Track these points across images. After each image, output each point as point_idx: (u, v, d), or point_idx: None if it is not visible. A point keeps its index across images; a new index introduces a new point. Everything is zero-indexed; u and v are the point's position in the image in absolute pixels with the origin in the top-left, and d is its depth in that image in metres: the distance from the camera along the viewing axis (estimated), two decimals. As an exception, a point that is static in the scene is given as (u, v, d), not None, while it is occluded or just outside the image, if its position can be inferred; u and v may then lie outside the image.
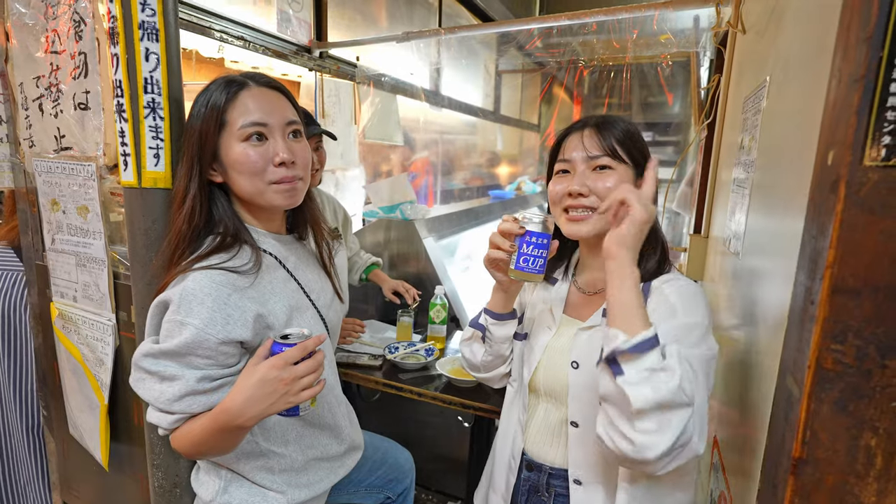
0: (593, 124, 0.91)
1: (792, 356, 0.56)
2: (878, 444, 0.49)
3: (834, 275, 0.49)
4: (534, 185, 4.26)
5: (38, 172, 1.16)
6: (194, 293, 0.80)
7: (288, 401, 0.78)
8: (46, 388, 1.39)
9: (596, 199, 0.88)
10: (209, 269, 0.82)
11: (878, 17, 0.44)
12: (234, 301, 0.82)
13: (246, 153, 0.84)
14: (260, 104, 0.86)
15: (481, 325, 1.01)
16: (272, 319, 0.88)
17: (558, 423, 0.94)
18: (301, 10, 2.19)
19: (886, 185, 0.45)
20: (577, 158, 0.90)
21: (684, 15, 1.65)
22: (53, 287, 1.22)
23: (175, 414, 0.83)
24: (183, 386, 0.81)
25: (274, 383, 0.77)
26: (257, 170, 0.85)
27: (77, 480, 1.41)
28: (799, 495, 0.53)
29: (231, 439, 0.84)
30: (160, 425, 0.85)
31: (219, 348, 0.81)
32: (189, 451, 0.86)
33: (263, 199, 0.88)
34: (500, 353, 1.02)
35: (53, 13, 1.03)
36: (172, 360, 0.81)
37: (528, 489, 0.99)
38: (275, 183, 0.87)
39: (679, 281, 0.86)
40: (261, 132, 0.85)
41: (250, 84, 0.87)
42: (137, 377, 0.85)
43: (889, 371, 0.48)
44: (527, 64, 2.93)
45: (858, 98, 0.46)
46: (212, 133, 0.84)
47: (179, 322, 0.80)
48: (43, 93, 1.10)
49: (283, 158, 0.85)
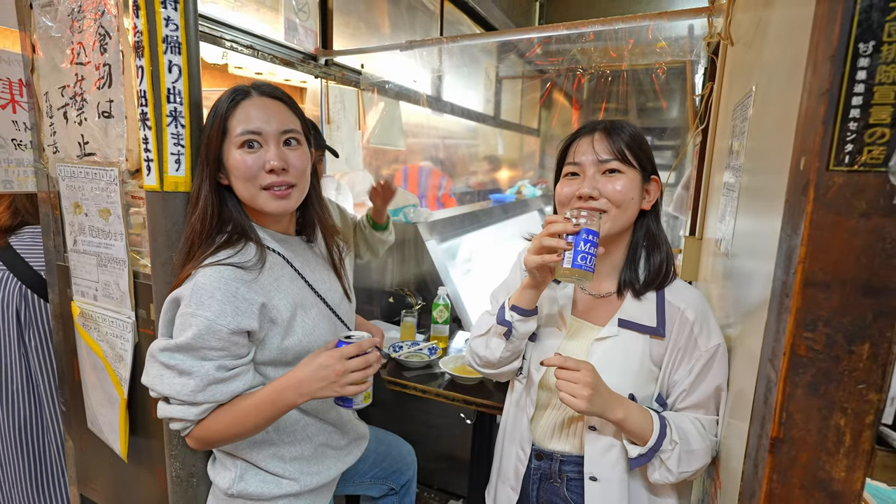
0: (603, 128, 0.94)
1: (770, 345, 0.62)
2: (847, 424, 0.54)
3: (805, 269, 0.54)
4: (534, 188, 4.31)
5: (61, 177, 1.22)
6: (205, 287, 0.86)
7: (335, 390, 0.88)
8: (65, 386, 1.44)
9: (605, 201, 0.91)
10: (217, 265, 0.88)
11: (840, 37, 0.49)
12: (241, 293, 0.88)
13: (241, 159, 0.91)
14: (258, 113, 0.92)
15: (508, 321, 0.98)
16: (275, 314, 0.93)
17: (567, 418, 0.99)
18: (307, 19, 2.25)
19: (850, 188, 0.51)
20: (587, 162, 0.93)
21: (679, 24, 1.70)
22: (74, 286, 1.27)
23: (201, 405, 0.88)
24: (203, 376, 0.87)
25: (327, 370, 0.88)
26: (250, 175, 0.91)
27: (95, 474, 1.45)
28: (777, 472, 0.58)
29: (274, 416, 0.91)
30: (185, 418, 0.89)
31: (230, 338, 0.87)
32: (216, 437, 0.91)
33: (256, 203, 0.94)
34: (518, 349, 1.02)
35: (79, 27, 1.09)
36: (188, 353, 0.87)
37: (539, 477, 1.03)
38: (265, 189, 0.92)
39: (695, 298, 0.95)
40: (255, 140, 0.91)
41: (252, 94, 0.94)
42: (155, 374, 0.89)
43: (855, 356, 0.53)
44: (527, 70, 3.00)
45: (825, 110, 0.51)
46: (216, 139, 0.92)
47: (191, 314, 0.85)
48: (68, 102, 1.16)
49: (273, 165, 0.91)
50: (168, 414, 0.90)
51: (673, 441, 0.87)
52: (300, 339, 0.97)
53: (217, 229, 0.94)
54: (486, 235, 2.86)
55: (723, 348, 0.90)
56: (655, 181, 0.98)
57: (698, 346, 0.90)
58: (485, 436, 1.63)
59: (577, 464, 0.98)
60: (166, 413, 0.90)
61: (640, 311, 0.95)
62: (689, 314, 0.91)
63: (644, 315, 0.94)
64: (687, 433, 0.88)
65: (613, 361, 0.93)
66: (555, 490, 1.02)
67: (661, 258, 0.97)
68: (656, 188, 0.98)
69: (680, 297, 0.94)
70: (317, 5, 2.32)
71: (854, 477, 0.55)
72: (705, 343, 0.90)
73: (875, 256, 0.50)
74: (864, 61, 0.48)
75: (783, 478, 0.58)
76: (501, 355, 1.02)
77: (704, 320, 0.91)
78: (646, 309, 0.95)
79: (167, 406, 0.90)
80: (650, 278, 0.96)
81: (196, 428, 0.92)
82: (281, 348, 0.95)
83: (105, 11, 1.04)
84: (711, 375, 0.89)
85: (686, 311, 0.92)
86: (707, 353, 0.89)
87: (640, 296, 0.96)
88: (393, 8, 2.97)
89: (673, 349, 0.92)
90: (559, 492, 1.01)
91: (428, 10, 3.28)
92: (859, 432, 0.54)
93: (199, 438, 0.92)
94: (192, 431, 0.92)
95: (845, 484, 0.55)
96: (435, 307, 1.83)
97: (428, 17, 3.29)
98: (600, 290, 1.01)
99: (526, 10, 4.05)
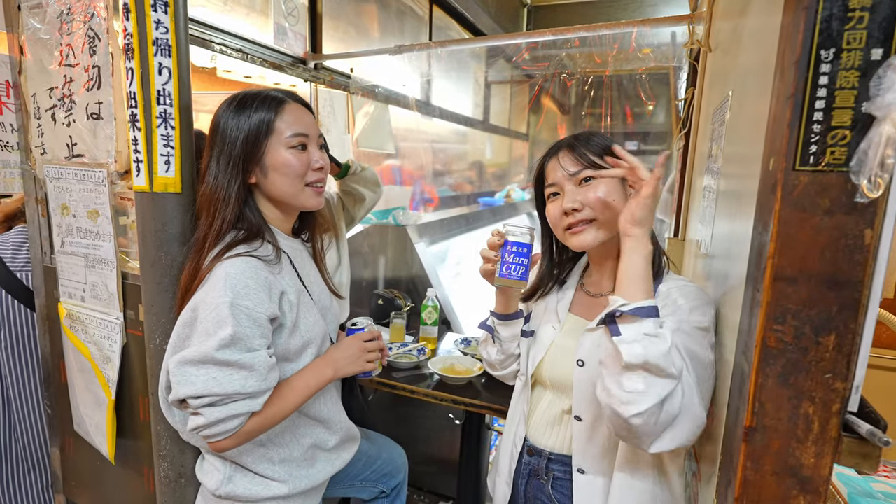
0: (566, 145, 0.98)
1: (744, 338, 0.64)
2: (815, 412, 0.57)
3: (775, 265, 0.56)
4: (522, 192, 4.35)
5: (49, 178, 1.21)
6: (238, 277, 0.88)
7: (361, 364, 1.08)
8: (51, 388, 1.43)
9: (590, 210, 0.93)
10: (243, 255, 0.91)
11: (803, 44, 0.52)
12: (271, 281, 0.93)
13: (293, 158, 0.98)
14: (301, 118, 1.01)
15: (489, 326, 1.12)
16: (287, 307, 0.96)
17: (559, 413, 1.01)
18: (297, 23, 2.27)
19: (814, 187, 0.53)
20: (561, 178, 0.96)
21: (662, 31, 1.75)
22: (62, 288, 1.27)
23: (264, 394, 0.90)
24: (264, 364, 0.89)
25: (355, 349, 1.08)
26: (300, 173, 0.99)
27: (81, 477, 1.44)
28: (751, 459, 0.60)
29: (314, 390, 1.01)
30: (251, 410, 0.88)
31: (268, 325, 0.91)
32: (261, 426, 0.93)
33: (298, 199, 1.02)
34: (510, 351, 1.12)
35: (68, 29, 1.09)
36: (239, 346, 0.86)
37: (528, 472, 1.05)
38: (310, 185, 1.02)
39: (688, 287, 0.91)
40: (304, 142, 1.00)
41: (290, 101, 1.01)
42: (207, 377, 0.84)
43: (822, 347, 0.56)
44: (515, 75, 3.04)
45: (790, 113, 0.54)
46: (262, 138, 0.97)
47: (229, 304, 0.85)
48: (56, 103, 1.16)
49: (321, 164, 1.02)
50: (227, 414, 0.86)
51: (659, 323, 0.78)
52: (304, 332, 1.00)
53: (232, 227, 0.97)
54: (475, 238, 2.88)
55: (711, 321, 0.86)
56: None
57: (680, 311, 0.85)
58: (473, 436, 1.65)
59: (565, 463, 0.99)
60: (224, 414, 0.86)
61: None
62: (681, 299, 0.89)
63: None
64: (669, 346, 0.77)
65: (600, 351, 0.95)
66: (541, 487, 1.04)
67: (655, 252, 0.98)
68: None
69: (672, 286, 0.93)
70: (306, 10, 2.34)
71: (822, 463, 0.57)
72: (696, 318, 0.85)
73: (838, 252, 0.53)
74: (825, 67, 0.51)
75: (756, 465, 0.60)
76: (496, 357, 1.15)
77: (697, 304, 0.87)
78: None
79: (220, 408, 0.86)
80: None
81: (249, 422, 0.90)
82: (291, 339, 0.98)
83: (95, 14, 1.05)
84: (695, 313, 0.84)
85: (678, 298, 0.90)
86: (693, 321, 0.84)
87: None
88: (382, 13, 2.99)
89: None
90: (545, 489, 1.03)
91: (417, 16, 3.31)
92: (827, 420, 0.56)
93: (247, 432, 0.91)
94: (243, 427, 0.89)
95: (814, 470, 0.57)
96: (424, 309, 1.85)
97: (417, 23, 3.32)
98: (601, 289, 1.03)
99: (514, 15, 4.10)
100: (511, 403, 1.15)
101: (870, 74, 0.49)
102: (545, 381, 1.03)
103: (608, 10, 3.71)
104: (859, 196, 0.51)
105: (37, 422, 1.53)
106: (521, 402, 1.07)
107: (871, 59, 0.49)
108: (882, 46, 0.49)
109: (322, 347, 1.06)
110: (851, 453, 0.56)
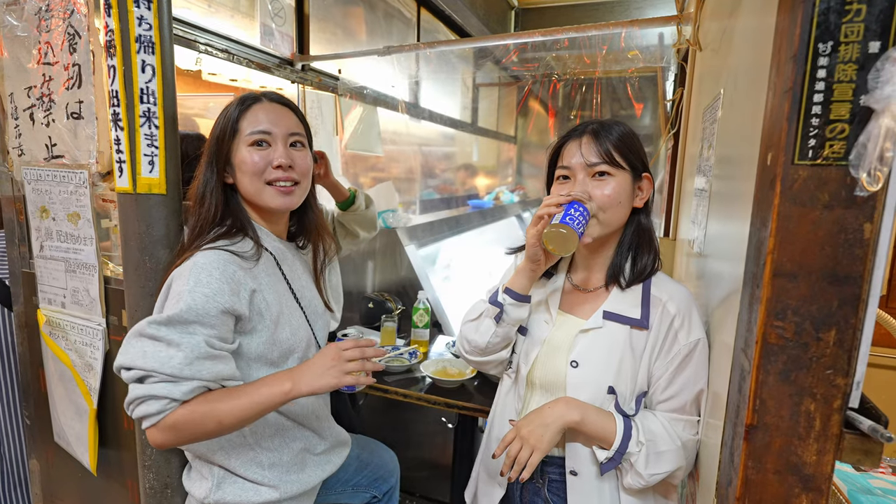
0: (591, 130, 0.95)
1: (743, 335, 0.63)
2: (817, 409, 0.56)
3: (774, 260, 0.56)
4: (511, 195, 4.35)
5: (27, 181, 1.18)
6: (203, 266, 0.87)
7: (334, 376, 0.91)
8: (30, 398, 1.38)
9: (595, 205, 0.92)
10: (217, 248, 0.91)
11: (801, 38, 0.51)
12: (238, 277, 0.90)
13: (250, 155, 0.96)
14: (268, 116, 0.98)
15: (500, 302, 0.99)
16: (263, 306, 0.94)
17: None
18: (283, 24, 2.24)
19: (814, 181, 0.53)
20: (576, 165, 0.94)
21: (650, 32, 1.76)
22: (41, 294, 1.22)
23: (187, 382, 0.82)
24: (193, 349, 0.82)
25: (326, 358, 0.92)
26: (258, 170, 0.97)
27: (62, 490, 1.39)
28: (752, 458, 0.60)
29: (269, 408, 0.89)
30: (169, 395, 0.81)
31: (221, 317, 0.87)
32: (193, 427, 0.84)
33: (261, 198, 0.98)
34: (508, 335, 1.02)
35: (47, 26, 1.06)
36: (177, 325, 0.83)
37: None
38: (270, 183, 0.97)
39: (679, 292, 0.94)
40: (264, 139, 0.97)
41: (263, 100, 1.00)
42: (138, 349, 0.83)
43: (823, 343, 0.55)
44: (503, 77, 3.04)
45: (788, 106, 0.53)
46: (227, 139, 0.97)
47: (188, 291, 0.85)
48: (34, 103, 1.12)
49: (280, 162, 0.97)
50: (146, 392, 0.82)
51: (640, 442, 0.88)
52: (288, 335, 0.98)
53: (218, 223, 0.98)
54: (465, 241, 2.87)
55: (703, 343, 0.90)
56: (647, 179, 0.98)
57: (678, 340, 0.90)
58: (466, 439, 1.63)
59: (560, 465, 0.98)
60: (144, 392, 0.82)
61: (626, 303, 0.96)
62: (671, 307, 0.92)
63: (629, 307, 0.95)
64: (655, 434, 0.89)
65: (595, 354, 0.94)
66: (536, 491, 1.02)
67: (651, 254, 0.98)
68: (648, 185, 0.99)
69: (664, 290, 0.95)
70: (293, 11, 2.31)
71: (824, 460, 0.57)
72: (685, 337, 0.90)
73: (838, 246, 0.53)
74: (823, 60, 0.50)
75: (758, 464, 0.59)
76: (491, 340, 1.01)
77: (687, 314, 0.91)
78: (631, 301, 0.95)
79: (143, 386, 0.82)
80: (637, 272, 0.97)
81: (174, 413, 0.83)
82: (272, 340, 0.96)
83: (74, 10, 1.02)
84: (690, 370, 0.90)
85: (668, 304, 0.92)
86: (686, 347, 0.89)
87: (627, 289, 0.97)
88: (370, 15, 2.98)
89: (654, 341, 0.92)
90: (541, 493, 1.02)
91: (405, 18, 3.30)
92: (828, 417, 0.56)
93: (172, 426, 0.83)
94: (167, 417, 0.83)
95: (816, 467, 0.57)
96: (415, 311, 1.83)
97: (405, 25, 3.31)
98: (589, 284, 1.02)
99: (502, 18, 4.11)
100: (497, 401, 1.11)
101: (868, 67, 0.49)
102: (537, 381, 1.01)
103: (595, 13, 3.74)
104: (858, 190, 0.51)
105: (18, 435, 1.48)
106: (512, 401, 1.05)
107: (868, 51, 0.49)
108: (880, 39, 0.48)
109: (307, 354, 1.04)
110: (853, 450, 0.56)
